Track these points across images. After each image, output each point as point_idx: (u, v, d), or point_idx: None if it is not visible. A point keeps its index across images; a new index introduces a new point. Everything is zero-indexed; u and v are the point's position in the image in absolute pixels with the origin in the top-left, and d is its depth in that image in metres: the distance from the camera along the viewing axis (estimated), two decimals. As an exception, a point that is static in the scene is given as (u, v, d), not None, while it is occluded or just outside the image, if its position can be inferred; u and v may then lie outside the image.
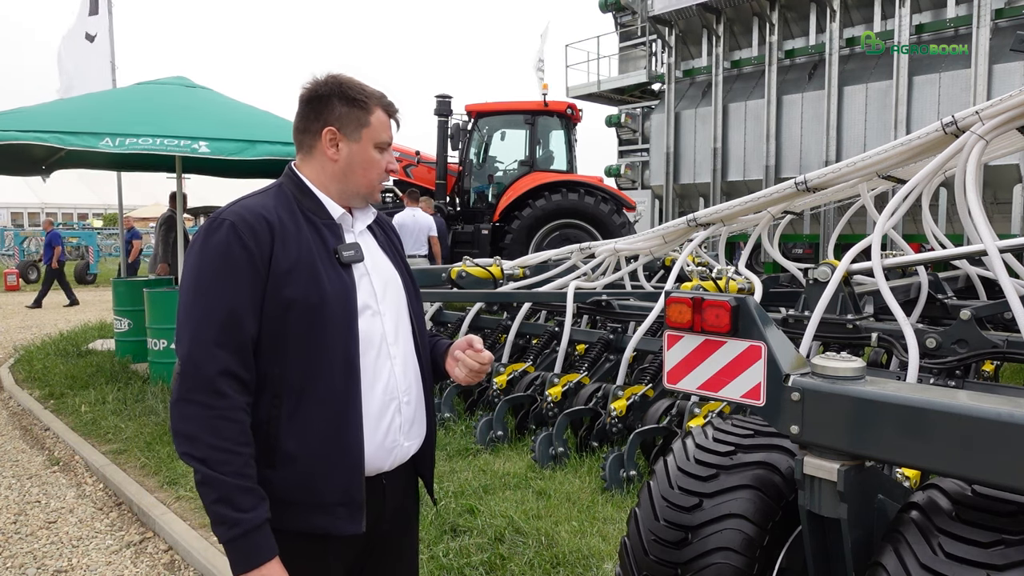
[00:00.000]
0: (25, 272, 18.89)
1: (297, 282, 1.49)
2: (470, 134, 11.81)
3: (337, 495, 1.52)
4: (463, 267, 6.16)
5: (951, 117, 3.26)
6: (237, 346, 1.44)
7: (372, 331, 1.59)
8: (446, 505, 3.77)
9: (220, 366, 1.42)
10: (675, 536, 1.86)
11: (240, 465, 1.41)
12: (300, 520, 1.51)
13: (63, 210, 41.91)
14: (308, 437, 1.50)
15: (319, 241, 1.56)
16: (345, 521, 1.53)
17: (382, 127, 1.64)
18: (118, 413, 5.84)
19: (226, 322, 1.44)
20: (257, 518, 1.41)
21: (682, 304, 1.75)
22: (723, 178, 11.61)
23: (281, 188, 1.63)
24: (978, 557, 1.40)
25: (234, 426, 1.42)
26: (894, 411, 1.47)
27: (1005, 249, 2.88)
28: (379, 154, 1.65)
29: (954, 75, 9.29)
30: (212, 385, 1.41)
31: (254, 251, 1.46)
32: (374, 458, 1.58)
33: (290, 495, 1.50)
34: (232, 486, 1.39)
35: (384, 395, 1.60)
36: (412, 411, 1.67)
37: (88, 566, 3.59)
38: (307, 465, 1.50)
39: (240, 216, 1.49)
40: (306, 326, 1.50)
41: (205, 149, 6.05)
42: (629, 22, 16.04)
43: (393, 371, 1.63)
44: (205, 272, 1.47)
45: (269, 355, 1.49)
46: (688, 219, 5.00)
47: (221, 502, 1.39)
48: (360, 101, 1.61)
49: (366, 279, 1.62)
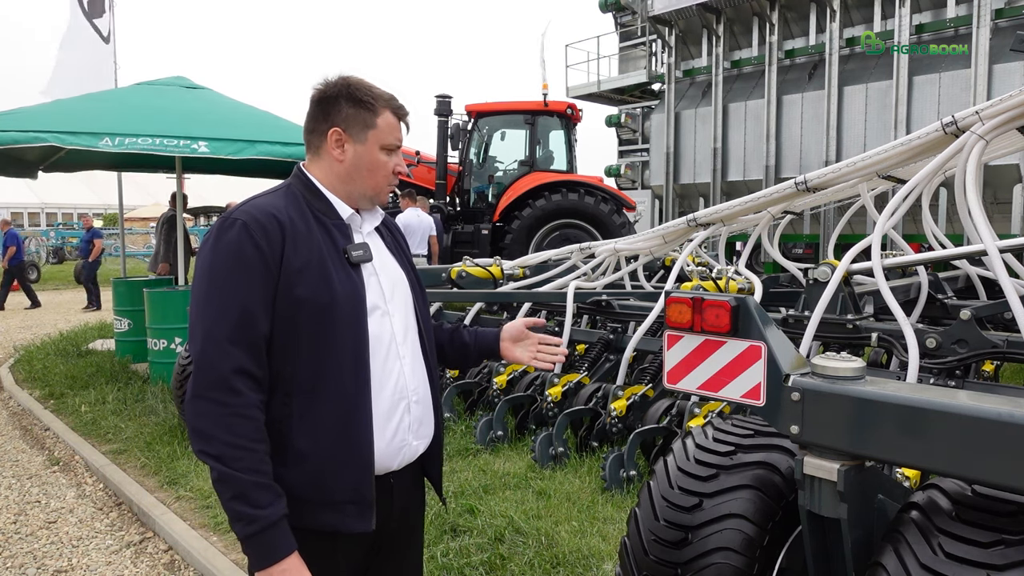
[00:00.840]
0: (25, 272, 18.85)
1: (308, 281, 1.50)
2: (470, 134, 11.81)
3: (347, 493, 1.53)
4: (463, 267, 6.16)
5: (951, 117, 3.26)
6: (250, 344, 1.46)
7: (382, 331, 1.61)
8: (446, 505, 3.77)
9: (234, 364, 1.43)
10: (675, 536, 1.86)
11: (255, 462, 1.42)
12: (310, 518, 1.52)
13: (63, 210, 41.88)
14: (319, 436, 1.51)
15: (329, 241, 1.58)
16: (355, 519, 1.54)
17: (389, 129, 1.64)
18: (118, 413, 5.84)
19: (239, 320, 1.45)
20: (274, 514, 1.42)
21: (682, 304, 1.75)
22: (723, 178, 11.60)
23: (290, 188, 1.64)
24: (978, 557, 1.40)
25: (249, 423, 1.43)
26: (894, 411, 1.47)
27: (1005, 249, 2.88)
28: (386, 156, 1.65)
29: (954, 75, 9.29)
30: (226, 383, 1.42)
31: (266, 250, 1.48)
32: (384, 457, 1.59)
33: (301, 493, 1.50)
34: (248, 483, 1.40)
35: (394, 395, 1.61)
36: (421, 411, 1.69)
37: (88, 566, 3.59)
38: (318, 463, 1.51)
39: (252, 216, 1.51)
40: (317, 325, 1.51)
41: (204, 149, 6.06)
42: (629, 22, 16.03)
43: (403, 371, 1.64)
44: (218, 271, 1.48)
45: (280, 354, 1.50)
46: (688, 219, 5.00)
47: (237, 499, 1.40)
48: (367, 103, 1.61)
49: (375, 279, 1.63)
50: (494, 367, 5.53)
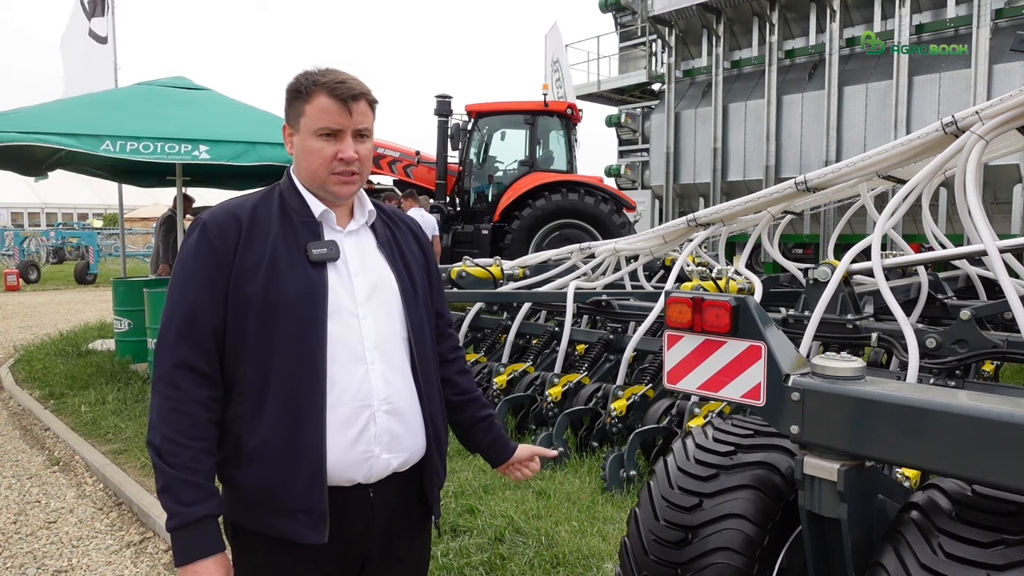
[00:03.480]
0: (25, 272, 18.88)
1: (258, 279, 1.48)
2: (470, 134, 11.81)
3: (297, 500, 1.48)
4: (463, 267, 6.17)
5: (951, 117, 3.26)
6: (197, 339, 1.47)
7: (347, 334, 1.53)
8: (446, 505, 3.77)
9: (178, 358, 1.45)
10: (675, 536, 1.86)
11: (187, 459, 1.42)
12: (265, 523, 1.50)
13: (63, 210, 41.90)
14: (268, 437, 1.48)
15: (292, 238, 1.54)
16: (306, 528, 1.48)
17: (320, 113, 1.52)
18: (118, 413, 5.84)
19: (187, 316, 1.47)
20: (195, 513, 1.40)
21: (682, 304, 1.75)
22: (723, 178, 11.61)
23: (274, 188, 1.63)
24: (978, 557, 1.40)
25: (186, 419, 1.43)
26: (894, 411, 1.47)
27: (1005, 249, 2.88)
28: (321, 142, 1.54)
29: (954, 75, 9.30)
30: (170, 377, 1.45)
31: (219, 248, 1.49)
32: (343, 466, 1.51)
33: (253, 496, 1.49)
34: (175, 478, 1.41)
35: (354, 402, 1.52)
36: (395, 423, 1.57)
37: (88, 566, 3.59)
38: (267, 467, 1.48)
39: (213, 216, 1.54)
40: (266, 324, 1.48)
41: (206, 156, 6.05)
42: (629, 22, 16.04)
43: (368, 377, 1.54)
44: (178, 270, 1.52)
45: (233, 353, 1.49)
46: (688, 219, 5.00)
47: (164, 492, 1.42)
48: (299, 91, 1.55)
49: (346, 279, 1.56)
50: (494, 367, 5.53)
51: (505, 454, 1.90)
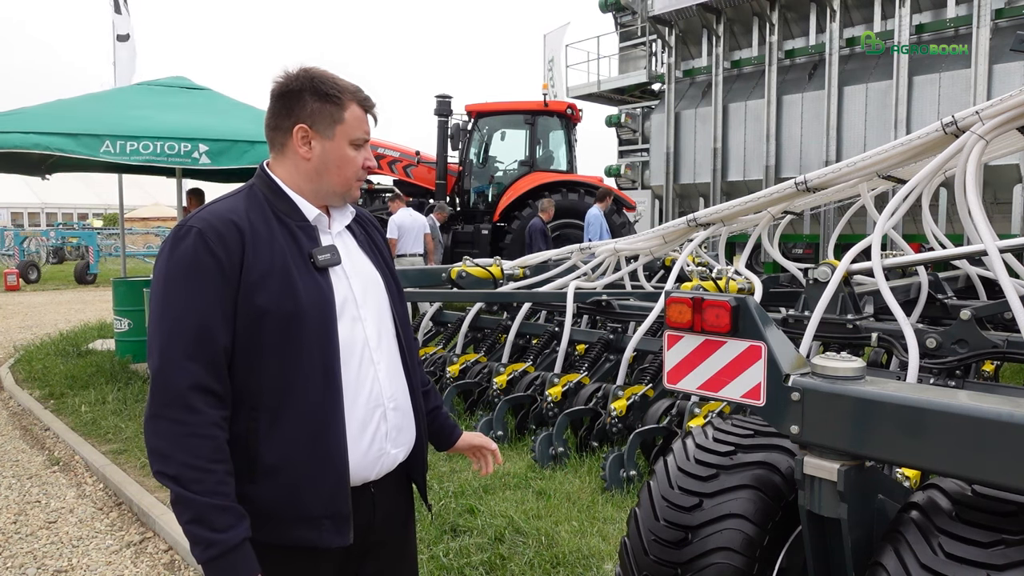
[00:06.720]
0: (25, 272, 18.88)
1: (270, 290, 1.43)
2: (470, 134, 11.82)
3: (322, 508, 1.47)
4: (463, 267, 6.17)
5: (951, 117, 3.26)
6: (209, 358, 1.38)
7: (354, 337, 1.53)
8: (446, 505, 3.77)
9: (191, 380, 1.36)
10: (675, 536, 1.86)
11: (214, 483, 1.35)
12: (285, 534, 1.46)
13: (63, 210, 41.91)
14: (289, 450, 1.45)
15: (293, 245, 1.50)
16: (332, 534, 1.48)
17: (357, 123, 1.56)
18: (118, 413, 5.84)
19: (196, 334, 1.38)
20: (234, 538, 1.35)
21: (682, 304, 1.75)
22: (723, 178, 11.60)
23: (252, 190, 1.56)
24: (978, 557, 1.40)
25: (207, 443, 1.36)
26: (894, 411, 1.47)
27: (1005, 249, 2.88)
28: (355, 151, 1.57)
29: (954, 75, 9.29)
30: (183, 400, 1.35)
31: (223, 259, 1.40)
32: (360, 468, 1.53)
33: (273, 509, 1.45)
34: (206, 505, 1.34)
35: (368, 403, 1.54)
36: (399, 417, 1.61)
37: (88, 566, 3.59)
38: (290, 478, 1.45)
39: (208, 222, 1.43)
40: (282, 336, 1.44)
41: (206, 160, 6.07)
42: (629, 22, 16.03)
43: (377, 377, 1.56)
44: (173, 283, 1.41)
45: (244, 367, 1.43)
46: (688, 219, 5.00)
47: (195, 522, 1.34)
48: (333, 96, 1.53)
49: (345, 282, 1.56)
50: (494, 367, 5.53)
51: (451, 439, 1.92)
